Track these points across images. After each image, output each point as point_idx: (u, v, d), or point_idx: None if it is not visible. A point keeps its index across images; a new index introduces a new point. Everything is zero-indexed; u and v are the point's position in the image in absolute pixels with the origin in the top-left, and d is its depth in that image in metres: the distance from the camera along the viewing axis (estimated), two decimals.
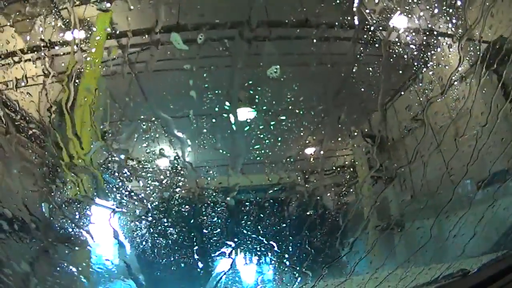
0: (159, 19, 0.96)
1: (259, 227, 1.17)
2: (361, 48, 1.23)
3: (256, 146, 1.17)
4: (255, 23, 1.02)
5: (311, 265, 1.15)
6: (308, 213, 1.21)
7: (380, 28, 1.19)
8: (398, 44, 1.22)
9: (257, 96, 1.17)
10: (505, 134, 1.22)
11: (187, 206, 1.15)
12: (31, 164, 1.03)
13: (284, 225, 1.20)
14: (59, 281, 1.07)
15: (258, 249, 1.18)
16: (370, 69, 1.19)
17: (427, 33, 1.26)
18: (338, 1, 1.14)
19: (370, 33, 1.18)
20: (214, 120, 1.14)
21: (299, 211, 1.22)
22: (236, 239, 1.15)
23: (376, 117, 1.21)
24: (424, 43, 1.27)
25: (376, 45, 1.21)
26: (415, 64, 1.27)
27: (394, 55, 1.21)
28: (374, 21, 1.17)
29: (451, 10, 1.22)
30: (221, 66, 1.14)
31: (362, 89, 1.25)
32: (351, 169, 1.32)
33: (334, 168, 1.31)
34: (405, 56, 1.24)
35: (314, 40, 1.20)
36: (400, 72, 1.29)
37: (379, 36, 1.18)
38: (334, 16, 1.15)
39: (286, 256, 1.18)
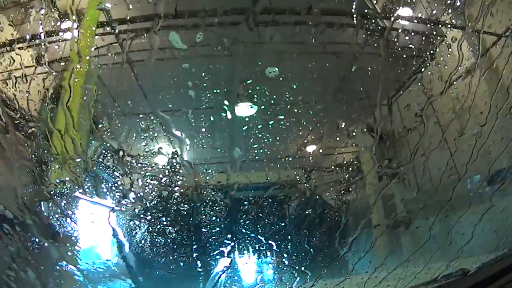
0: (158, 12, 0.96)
1: (258, 226, 1.17)
2: (361, 49, 1.24)
3: (254, 145, 1.17)
4: (259, 10, 1.02)
5: (310, 264, 1.15)
6: (307, 212, 1.21)
7: (379, 27, 1.19)
8: (397, 43, 1.22)
9: (255, 96, 1.17)
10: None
11: (185, 205, 1.15)
12: (30, 162, 1.04)
13: (283, 224, 1.20)
14: (59, 281, 1.08)
15: (257, 248, 1.18)
16: (369, 68, 1.19)
17: (426, 32, 1.26)
18: None
19: (369, 31, 1.18)
20: (212, 119, 1.14)
21: (299, 209, 1.22)
22: (235, 238, 1.15)
23: (381, 113, 1.21)
24: (423, 42, 1.27)
25: (376, 45, 1.21)
26: (414, 63, 1.27)
27: (393, 54, 1.21)
28: (373, 20, 1.17)
29: (450, 9, 1.22)
30: (220, 64, 1.15)
31: (362, 88, 1.25)
32: (353, 166, 1.31)
33: (335, 165, 1.30)
34: (404, 55, 1.24)
35: (314, 40, 1.20)
36: (399, 71, 1.29)
37: (378, 33, 1.18)
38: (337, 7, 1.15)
39: (285, 255, 1.18)
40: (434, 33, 1.27)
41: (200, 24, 1.03)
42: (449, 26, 1.24)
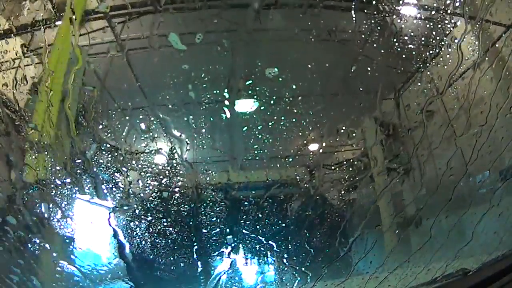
0: None
1: (258, 226, 1.17)
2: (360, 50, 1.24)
3: (255, 146, 1.17)
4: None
5: (311, 264, 1.14)
6: (308, 212, 1.21)
7: (379, 27, 1.19)
8: (396, 44, 1.22)
9: (255, 96, 1.17)
10: None
11: (186, 206, 1.15)
12: (31, 163, 1.04)
13: (284, 224, 1.20)
14: (60, 282, 1.08)
15: (258, 248, 1.18)
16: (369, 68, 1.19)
17: (426, 32, 1.26)
18: None
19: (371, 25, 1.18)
20: (212, 119, 1.14)
21: (299, 210, 1.22)
22: (235, 239, 1.15)
23: (387, 108, 1.21)
24: (423, 42, 1.27)
25: (375, 45, 1.21)
26: (413, 63, 1.27)
27: (393, 54, 1.21)
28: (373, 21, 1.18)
29: (449, 9, 1.23)
30: (220, 64, 1.14)
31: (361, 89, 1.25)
32: (355, 165, 1.31)
33: (338, 163, 1.30)
34: (404, 56, 1.24)
35: (313, 39, 1.20)
36: (399, 71, 1.29)
37: (377, 34, 1.18)
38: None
39: (286, 256, 1.18)
40: (434, 33, 1.27)
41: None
42: (447, 25, 1.24)
